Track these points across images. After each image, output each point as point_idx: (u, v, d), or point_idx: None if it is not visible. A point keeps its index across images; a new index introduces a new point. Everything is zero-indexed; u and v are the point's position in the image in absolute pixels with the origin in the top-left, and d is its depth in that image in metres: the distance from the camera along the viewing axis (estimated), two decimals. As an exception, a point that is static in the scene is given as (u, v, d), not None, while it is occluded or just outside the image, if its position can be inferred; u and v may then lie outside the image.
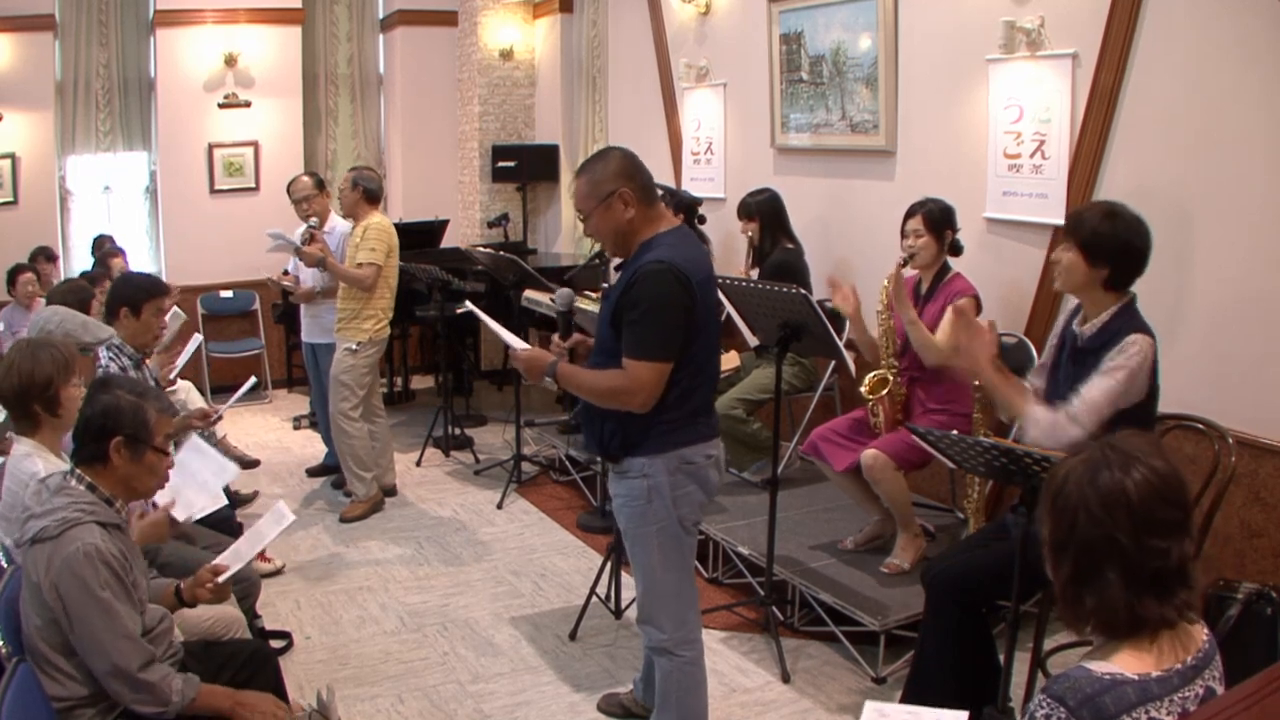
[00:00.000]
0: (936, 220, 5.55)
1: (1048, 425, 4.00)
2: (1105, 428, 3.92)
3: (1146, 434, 2.35)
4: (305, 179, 7.62)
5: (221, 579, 3.79)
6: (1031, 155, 5.98)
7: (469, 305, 5.17)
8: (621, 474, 4.06)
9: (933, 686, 4.29)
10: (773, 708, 4.92)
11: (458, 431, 8.96)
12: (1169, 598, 2.23)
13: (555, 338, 4.43)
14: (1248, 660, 3.04)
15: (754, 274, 6.94)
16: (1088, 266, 4.07)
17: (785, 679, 5.14)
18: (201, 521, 4.88)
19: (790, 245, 6.94)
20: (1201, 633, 2.34)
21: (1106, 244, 4.04)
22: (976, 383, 5.32)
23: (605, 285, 6.32)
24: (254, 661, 3.89)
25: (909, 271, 5.68)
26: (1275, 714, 2.07)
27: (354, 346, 7.21)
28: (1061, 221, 5.65)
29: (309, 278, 7.59)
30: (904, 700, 4.53)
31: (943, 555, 4.65)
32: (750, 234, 7.00)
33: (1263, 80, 4.93)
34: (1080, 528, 2.25)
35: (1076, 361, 4.20)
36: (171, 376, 6.35)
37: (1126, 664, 2.21)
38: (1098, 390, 3.98)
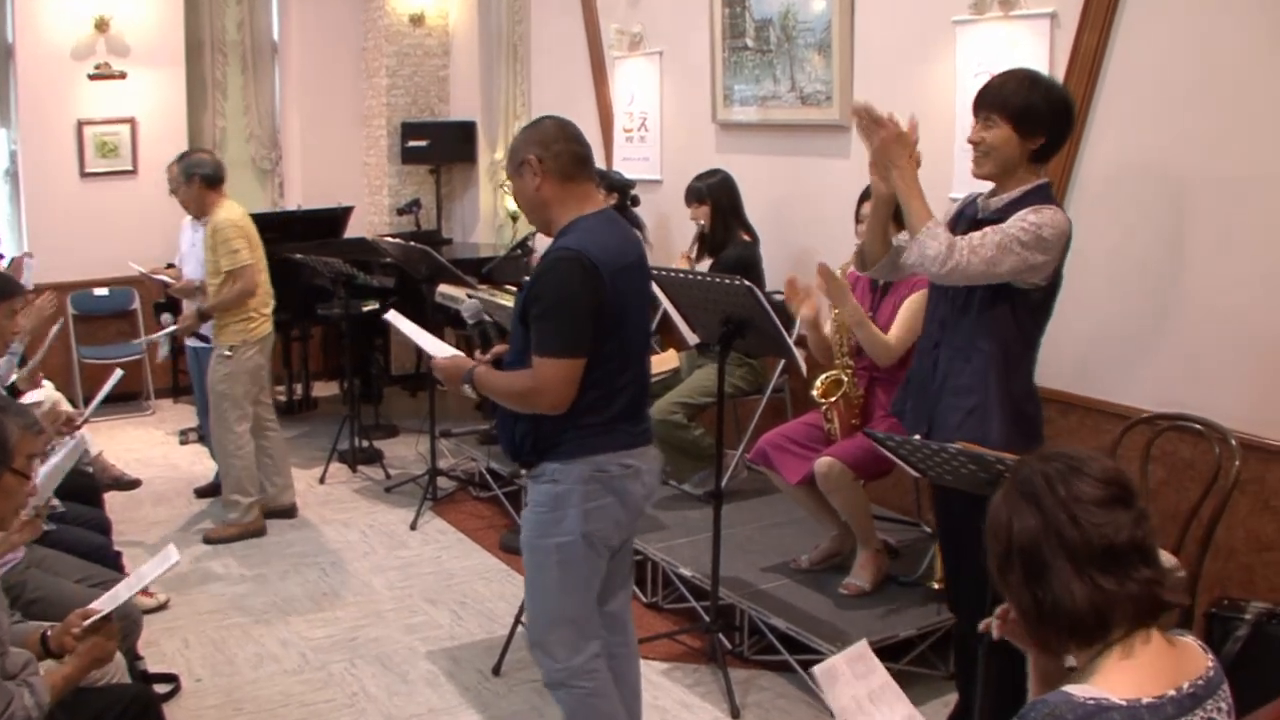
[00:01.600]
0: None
1: (946, 242, 4.00)
2: (997, 304, 4.07)
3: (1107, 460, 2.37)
4: (174, 166, 7.51)
5: (89, 622, 3.68)
6: (1004, 129, 6.01)
7: (391, 317, 5.15)
8: (533, 479, 4.07)
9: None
10: (720, 746, 4.94)
11: (366, 444, 8.92)
12: (1128, 573, 2.22)
13: (477, 354, 4.42)
14: (1262, 687, 3.09)
15: (705, 266, 6.93)
16: (1021, 139, 4.08)
17: (734, 714, 5.14)
18: (67, 521, 4.83)
19: (747, 238, 6.93)
20: (1205, 658, 2.32)
21: (1041, 110, 4.06)
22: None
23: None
24: (134, 709, 3.80)
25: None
26: None
27: (228, 351, 7.13)
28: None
29: (193, 270, 7.53)
30: None
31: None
32: (701, 221, 6.99)
33: (1265, 42, 4.94)
34: (1014, 530, 2.28)
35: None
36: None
37: (1112, 685, 2.18)
38: (996, 235, 3.99)
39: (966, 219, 4.30)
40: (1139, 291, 5.41)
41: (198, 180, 7.04)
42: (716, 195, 6.94)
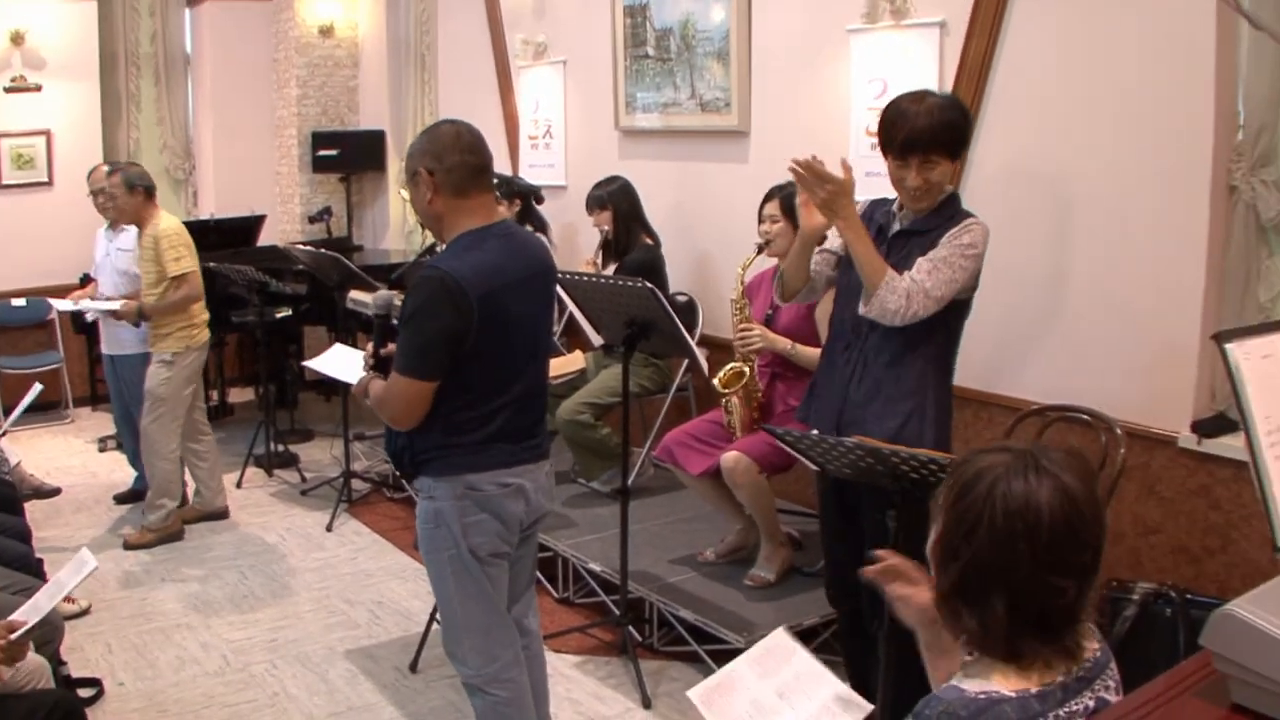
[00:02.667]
0: (794, 205, 5.55)
1: (904, 293, 3.99)
2: (935, 318, 4.07)
3: (1079, 453, 2.27)
4: (104, 169, 7.48)
5: (15, 636, 3.65)
6: (896, 132, 6.06)
7: (310, 364, 5.07)
8: (418, 492, 4.03)
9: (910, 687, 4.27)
10: (633, 736, 4.95)
11: (281, 448, 8.86)
12: (1052, 639, 2.18)
13: (368, 347, 4.36)
14: (1149, 664, 3.13)
15: (610, 270, 6.92)
16: (953, 165, 4.17)
17: (646, 704, 5.15)
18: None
19: (650, 241, 6.95)
20: (1092, 641, 2.29)
21: (965, 130, 4.16)
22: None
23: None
24: (58, 714, 3.75)
25: (768, 261, 5.73)
26: (1181, 717, 2.06)
27: (169, 357, 7.06)
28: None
29: (108, 286, 7.43)
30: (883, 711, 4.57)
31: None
32: (604, 227, 7.01)
33: (1140, 50, 5.03)
34: (979, 542, 2.16)
35: (894, 247, 4.21)
36: None
37: (1004, 681, 2.17)
38: (945, 267, 4.02)
39: (877, 224, 4.32)
40: (1028, 289, 5.46)
41: (141, 191, 6.98)
42: (617, 201, 6.96)
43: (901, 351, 4.18)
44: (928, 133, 4.05)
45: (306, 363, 5.11)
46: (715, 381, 5.64)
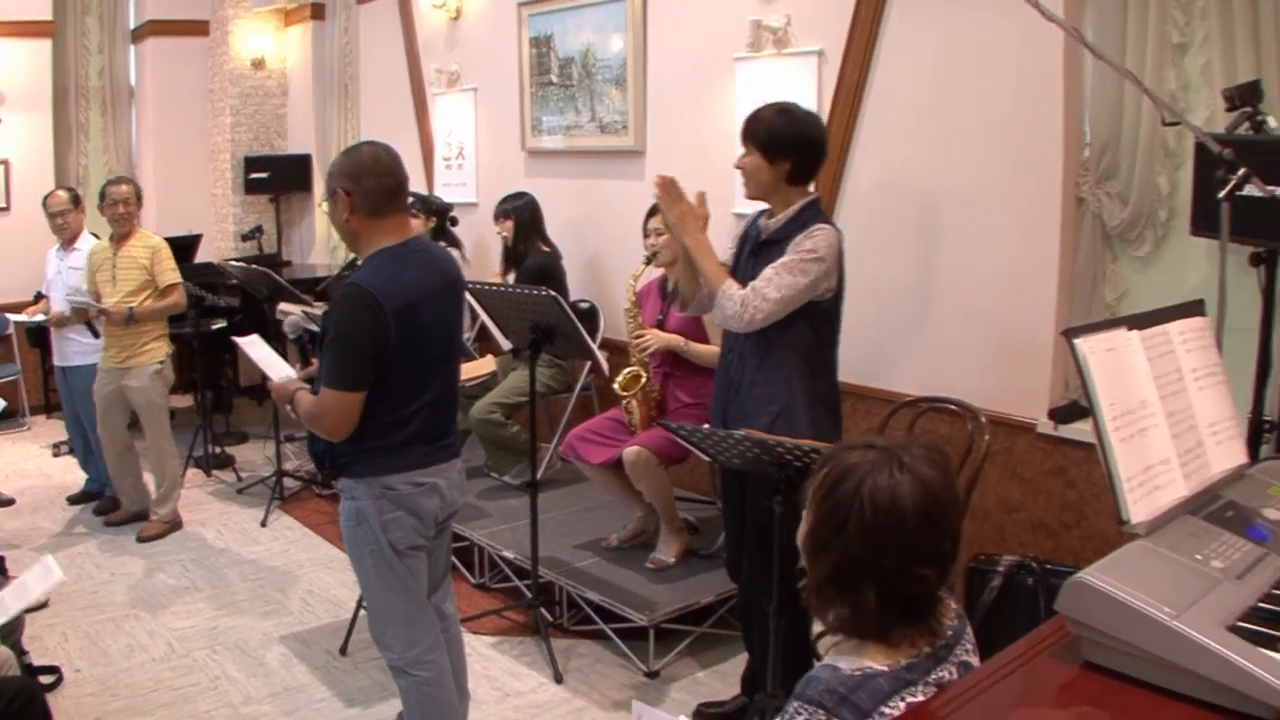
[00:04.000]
0: None
1: (740, 300, 4.04)
2: (794, 321, 4.12)
3: (937, 446, 2.28)
4: (62, 193, 7.39)
5: None
6: (779, 152, 6.09)
7: (240, 341, 5.03)
8: (341, 492, 3.99)
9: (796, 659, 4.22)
10: (547, 709, 4.93)
11: (218, 450, 8.75)
12: (919, 622, 2.19)
13: (296, 367, 4.31)
14: (1013, 629, 3.16)
15: (510, 277, 6.96)
16: (770, 165, 4.16)
17: (558, 680, 5.15)
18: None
19: (547, 249, 6.97)
20: (949, 610, 2.31)
21: (784, 138, 4.14)
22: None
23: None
24: (21, 699, 3.70)
25: (656, 270, 5.76)
26: (1036, 679, 2.10)
27: (158, 366, 7.04)
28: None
29: (58, 302, 7.34)
30: (748, 685, 4.61)
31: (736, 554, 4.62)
32: (505, 234, 7.03)
33: (998, 74, 5.14)
34: (849, 536, 2.16)
35: (759, 256, 4.24)
36: None
37: (875, 658, 2.17)
38: (786, 274, 4.05)
39: (751, 240, 4.35)
40: (901, 292, 5.51)
41: (137, 207, 7.07)
42: (520, 213, 6.99)
43: (766, 355, 4.21)
44: (747, 123, 4.24)
45: (239, 341, 5.03)
46: (615, 385, 5.66)
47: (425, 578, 4.10)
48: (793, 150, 4.15)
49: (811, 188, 4.31)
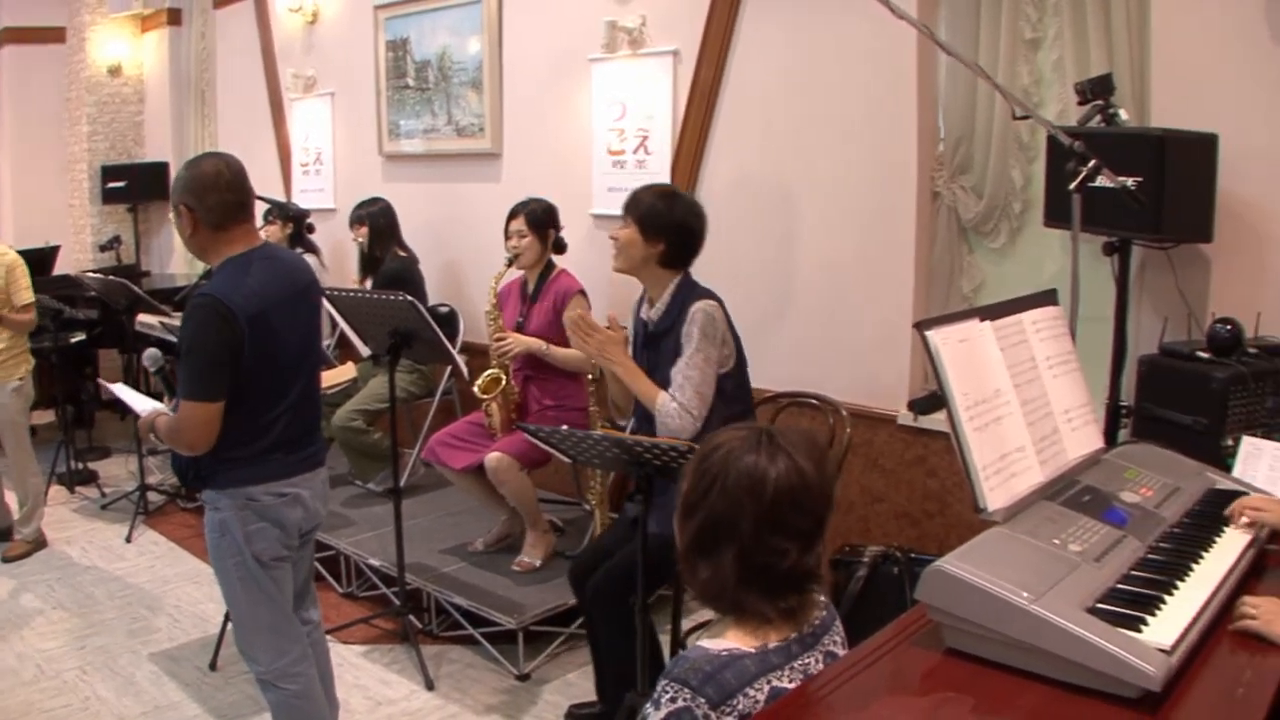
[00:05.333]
0: (539, 220, 5.60)
1: (675, 413, 4.06)
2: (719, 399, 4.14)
3: (810, 434, 2.34)
4: None
5: None
6: (635, 151, 6.10)
7: (109, 385, 4.89)
8: (205, 504, 3.89)
9: (626, 678, 4.23)
10: (419, 716, 4.85)
11: (81, 466, 8.48)
12: (775, 598, 2.22)
13: (165, 399, 4.21)
14: (880, 619, 3.15)
15: (368, 283, 6.88)
16: (644, 242, 4.18)
17: (429, 686, 5.07)
18: None
19: (403, 253, 6.90)
20: (819, 600, 2.36)
21: (662, 221, 4.16)
22: (591, 376, 5.37)
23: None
24: None
25: (515, 272, 5.71)
26: (899, 667, 2.14)
27: (20, 381, 6.81)
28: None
29: None
30: (603, 692, 4.55)
31: (586, 558, 4.59)
32: (360, 240, 6.93)
33: (853, 72, 5.17)
34: (712, 498, 2.22)
35: (650, 346, 4.29)
36: None
37: (741, 640, 2.21)
38: (692, 369, 4.08)
39: (640, 331, 4.38)
40: (761, 289, 5.53)
41: None
42: (375, 218, 6.89)
43: None
44: (631, 197, 4.31)
45: (104, 383, 4.91)
46: (475, 388, 5.61)
47: (290, 588, 4.03)
48: (670, 234, 4.19)
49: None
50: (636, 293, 4.41)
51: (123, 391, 4.51)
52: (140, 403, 4.22)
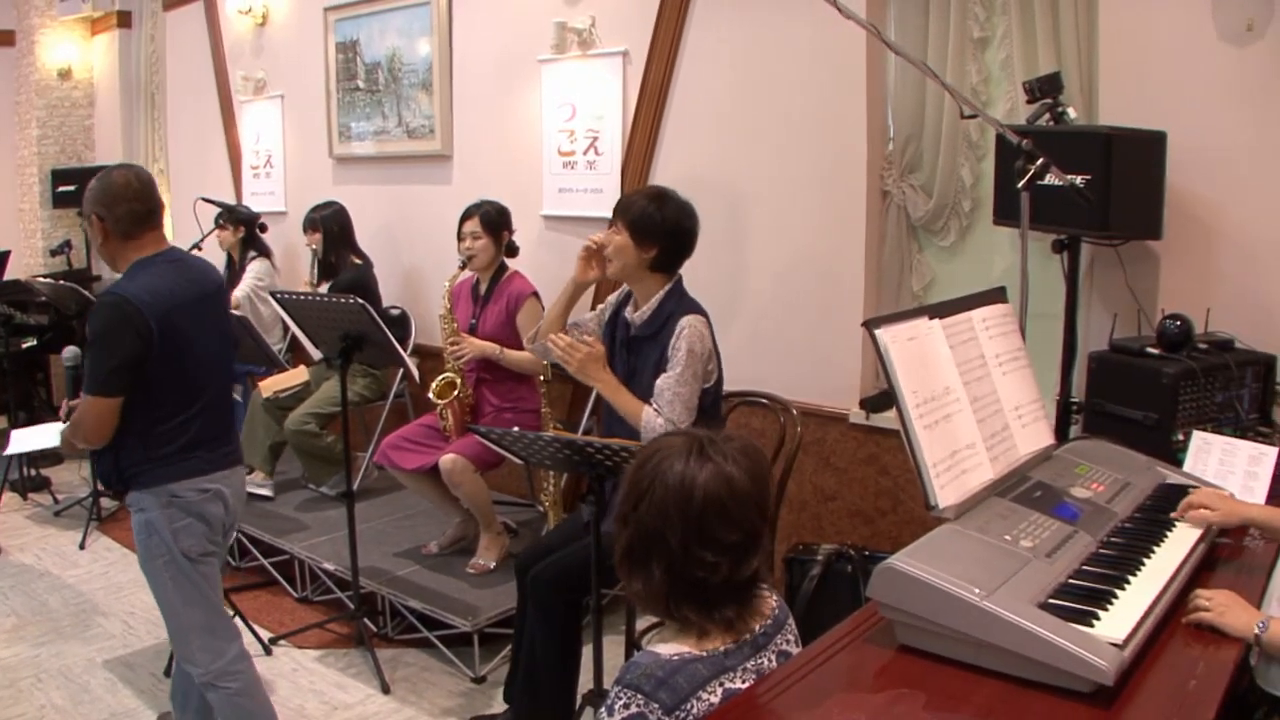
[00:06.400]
0: (493, 221, 5.58)
1: (660, 429, 4.05)
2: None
3: (749, 442, 2.31)
4: None
5: None
6: (585, 152, 6.09)
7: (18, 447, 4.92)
8: (129, 507, 3.93)
9: (540, 681, 4.29)
10: None
11: (34, 472, 8.38)
12: (710, 610, 2.21)
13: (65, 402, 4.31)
14: (835, 617, 3.16)
15: (323, 289, 6.79)
16: (636, 248, 4.14)
17: (385, 690, 5.04)
18: None
19: (358, 260, 6.84)
20: (770, 600, 2.35)
21: (655, 225, 4.13)
22: (543, 378, 5.35)
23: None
24: None
25: (465, 273, 5.68)
26: (852, 664, 2.18)
27: None
28: (618, 214, 5.81)
29: None
30: (511, 696, 4.55)
31: (533, 551, 4.56)
32: (314, 246, 6.86)
33: (802, 72, 5.18)
34: (642, 509, 2.21)
35: (631, 350, 4.28)
36: None
37: (692, 644, 2.21)
38: (682, 386, 4.09)
39: (621, 329, 4.36)
40: (712, 288, 5.48)
41: None
42: (328, 224, 6.81)
43: None
44: (622, 202, 4.31)
45: (11, 448, 4.96)
46: (430, 394, 5.58)
47: (220, 586, 4.12)
48: (663, 239, 4.16)
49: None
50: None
51: (24, 441, 4.57)
52: (47, 433, 4.26)
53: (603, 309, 4.49)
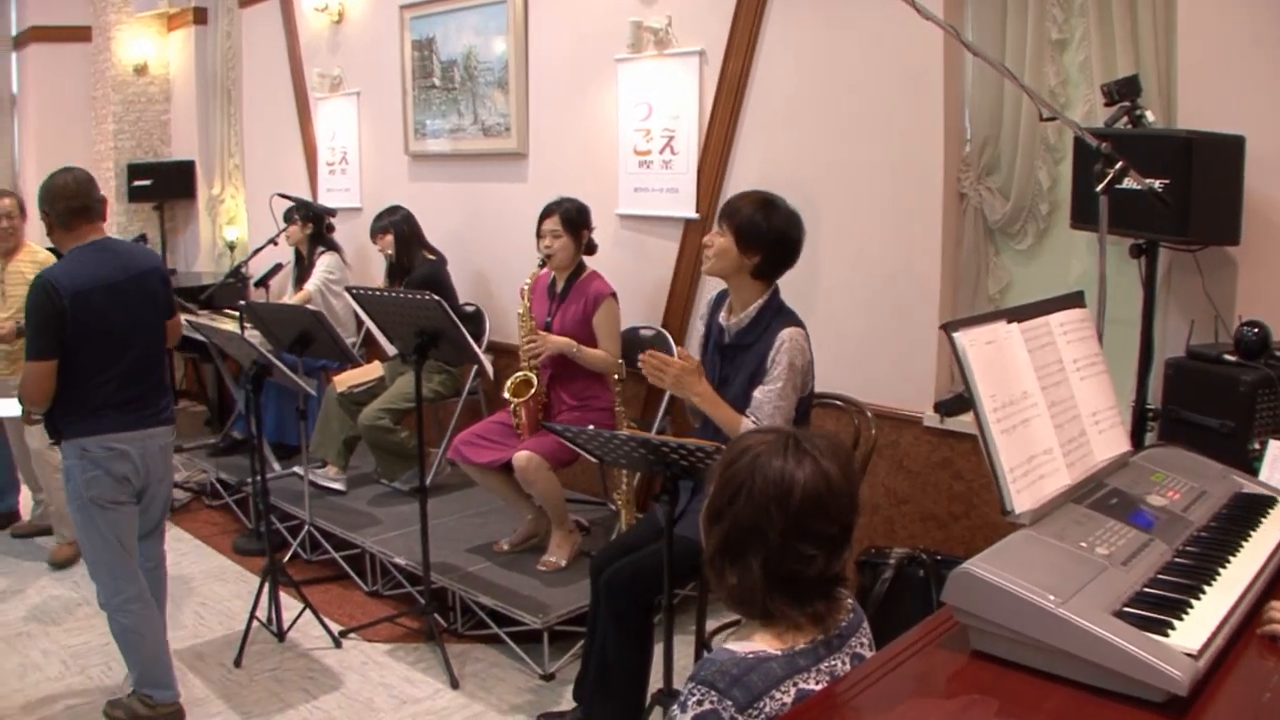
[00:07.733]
0: (573, 219, 5.56)
1: None
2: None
3: (836, 438, 2.33)
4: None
5: None
6: (661, 151, 6.10)
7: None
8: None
9: (612, 680, 4.31)
10: (444, 715, 4.85)
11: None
12: (803, 604, 2.22)
13: None
14: (907, 621, 3.16)
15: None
16: (739, 253, 4.14)
17: (454, 685, 5.07)
18: None
19: (431, 256, 6.89)
20: (846, 602, 2.36)
21: (760, 233, 4.12)
22: (617, 376, 5.37)
23: (243, 302, 6.41)
24: None
25: (543, 271, 5.68)
26: (925, 669, 2.14)
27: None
28: (693, 214, 5.84)
29: None
30: (580, 694, 4.55)
31: (607, 552, 4.54)
32: (387, 250, 6.91)
33: (878, 72, 5.17)
34: (739, 504, 2.21)
35: (725, 356, 4.28)
36: None
37: (768, 642, 2.21)
38: (782, 400, 4.10)
39: (714, 334, 4.37)
40: (785, 286, 5.46)
41: (22, 221, 6.87)
42: (398, 226, 6.87)
43: None
44: (730, 204, 4.26)
45: None
46: (506, 392, 5.59)
47: (131, 535, 4.69)
48: (767, 247, 4.16)
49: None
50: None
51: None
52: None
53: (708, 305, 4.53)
